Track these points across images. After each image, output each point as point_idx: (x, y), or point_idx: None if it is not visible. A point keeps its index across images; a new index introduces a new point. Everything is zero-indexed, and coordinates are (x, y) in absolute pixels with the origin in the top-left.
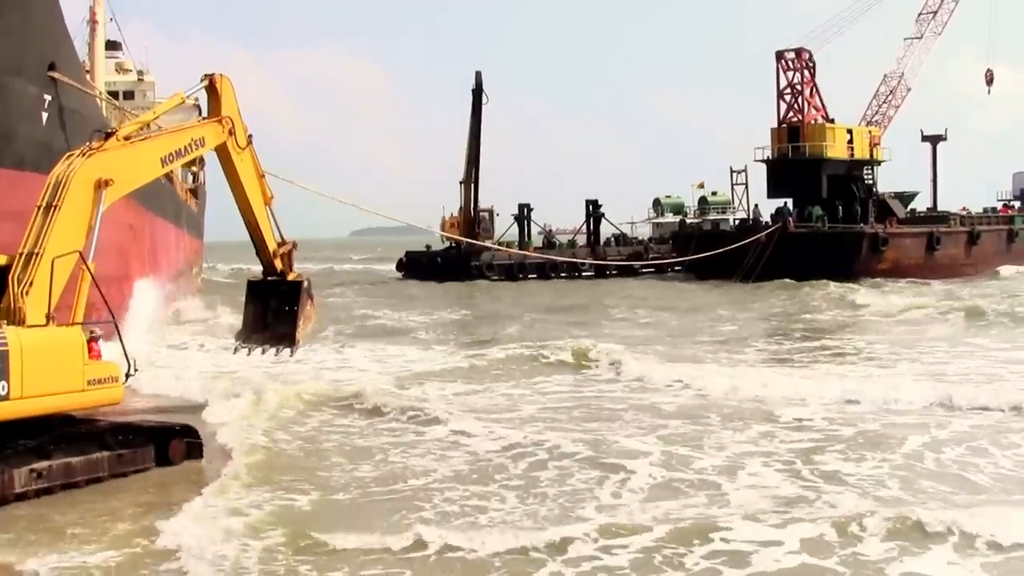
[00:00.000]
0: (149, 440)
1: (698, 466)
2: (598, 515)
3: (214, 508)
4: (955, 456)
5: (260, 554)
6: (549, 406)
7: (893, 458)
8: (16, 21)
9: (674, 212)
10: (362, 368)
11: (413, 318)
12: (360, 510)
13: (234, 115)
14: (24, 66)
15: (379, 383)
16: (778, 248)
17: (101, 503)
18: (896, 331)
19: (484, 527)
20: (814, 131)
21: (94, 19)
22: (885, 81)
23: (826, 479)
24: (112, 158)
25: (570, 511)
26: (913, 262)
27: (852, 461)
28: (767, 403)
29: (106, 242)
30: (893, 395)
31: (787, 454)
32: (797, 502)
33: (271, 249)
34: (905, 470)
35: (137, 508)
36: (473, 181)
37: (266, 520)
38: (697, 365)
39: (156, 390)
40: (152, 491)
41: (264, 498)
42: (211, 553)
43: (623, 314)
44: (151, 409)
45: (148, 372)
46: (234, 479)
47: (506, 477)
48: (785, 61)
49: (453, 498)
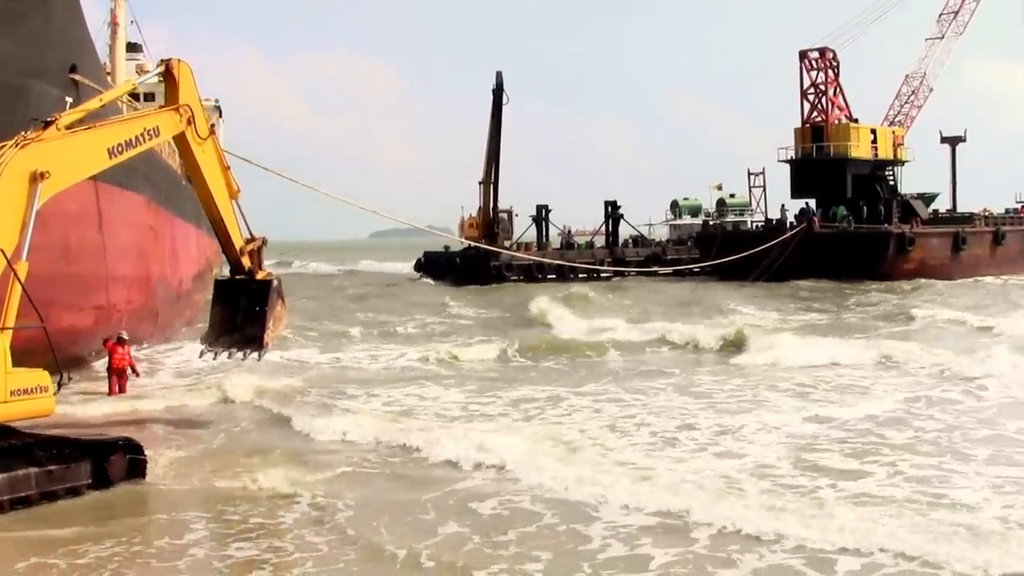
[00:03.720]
0: (84, 455)
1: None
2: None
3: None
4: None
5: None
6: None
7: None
8: (37, 24)
9: (692, 214)
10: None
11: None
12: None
13: (194, 103)
14: (45, 68)
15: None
16: (802, 248)
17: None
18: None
19: None
20: (838, 131)
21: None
22: (907, 81)
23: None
24: (50, 149)
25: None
26: (939, 262)
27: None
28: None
29: (128, 243)
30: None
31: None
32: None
33: (238, 246)
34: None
35: (59, 547)
36: (492, 181)
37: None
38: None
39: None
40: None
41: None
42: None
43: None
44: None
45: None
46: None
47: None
48: (809, 61)
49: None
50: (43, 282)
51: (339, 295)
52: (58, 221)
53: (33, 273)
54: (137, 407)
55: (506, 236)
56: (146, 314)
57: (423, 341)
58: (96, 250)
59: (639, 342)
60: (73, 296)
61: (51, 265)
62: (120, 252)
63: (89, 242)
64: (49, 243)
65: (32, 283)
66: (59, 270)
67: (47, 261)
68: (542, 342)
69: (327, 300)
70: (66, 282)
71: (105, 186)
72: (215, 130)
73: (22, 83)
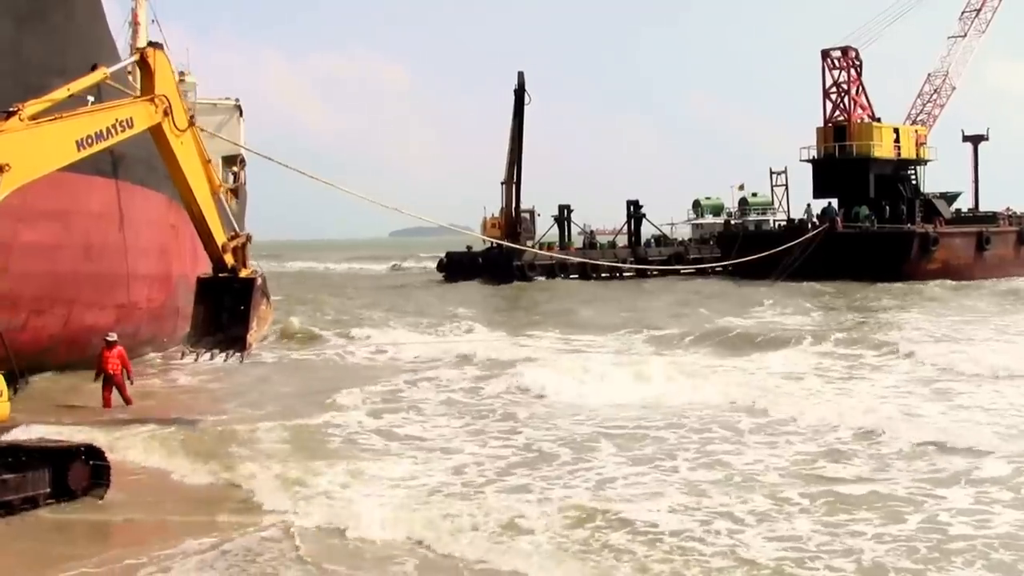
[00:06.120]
0: (43, 463)
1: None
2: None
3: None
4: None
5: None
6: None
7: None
8: (59, 22)
9: (714, 213)
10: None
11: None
12: None
13: (171, 93)
14: (67, 67)
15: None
16: (824, 248)
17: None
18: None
19: None
20: (861, 130)
21: (136, 21)
22: (929, 80)
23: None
24: (10, 140)
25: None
26: (963, 262)
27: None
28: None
29: (149, 242)
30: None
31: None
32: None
33: (219, 243)
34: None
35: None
36: (515, 182)
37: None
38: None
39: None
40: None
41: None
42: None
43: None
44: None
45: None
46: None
47: None
48: (831, 60)
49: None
50: (65, 280)
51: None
52: (80, 220)
53: (56, 271)
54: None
55: (528, 236)
56: (167, 313)
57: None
58: (117, 249)
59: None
60: (95, 294)
61: (73, 264)
62: (141, 251)
63: (111, 241)
64: (71, 242)
65: (55, 281)
66: (81, 269)
67: (69, 260)
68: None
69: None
70: (88, 281)
71: (126, 185)
72: (195, 121)
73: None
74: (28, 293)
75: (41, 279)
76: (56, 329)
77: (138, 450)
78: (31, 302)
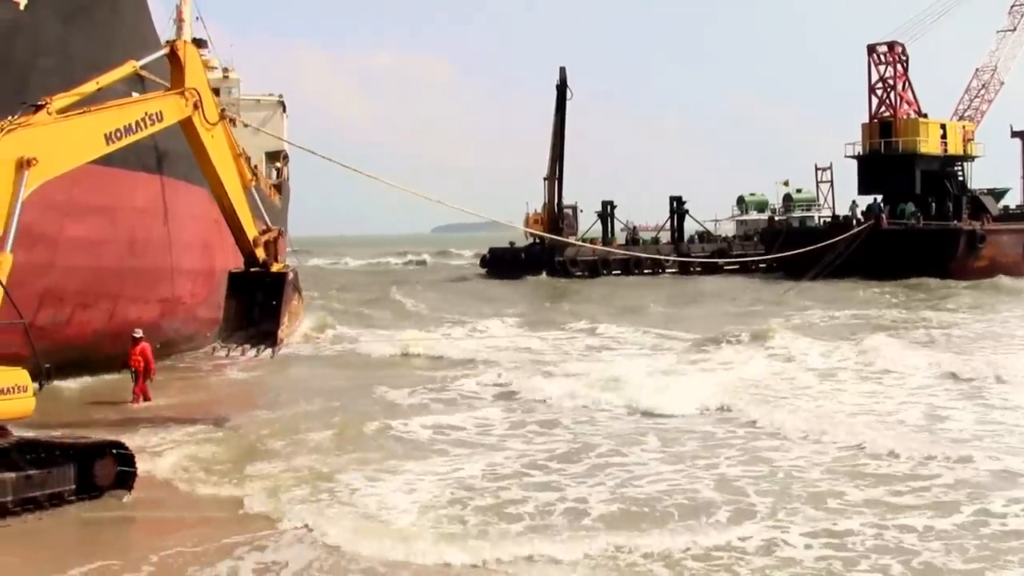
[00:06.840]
0: (68, 459)
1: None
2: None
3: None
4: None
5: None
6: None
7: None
8: (105, 19)
9: (758, 210)
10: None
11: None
12: None
13: (201, 86)
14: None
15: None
16: (868, 245)
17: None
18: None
19: None
20: (907, 126)
21: (180, 17)
22: (977, 75)
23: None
24: (38, 134)
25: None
26: (1011, 260)
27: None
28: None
29: (192, 236)
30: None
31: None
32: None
33: (251, 237)
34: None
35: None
36: (557, 178)
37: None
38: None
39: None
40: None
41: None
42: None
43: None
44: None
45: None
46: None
47: None
48: (877, 55)
49: None
50: (110, 275)
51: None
52: (125, 215)
53: (100, 266)
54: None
55: (571, 232)
56: (211, 307)
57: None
58: (162, 244)
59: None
60: (139, 289)
61: (118, 259)
62: (185, 245)
63: (155, 236)
64: (116, 237)
65: (100, 276)
66: (125, 264)
67: (114, 255)
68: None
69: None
70: (132, 275)
71: (171, 180)
72: (225, 114)
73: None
74: (73, 288)
75: (86, 274)
76: (101, 324)
77: (168, 449)
78: (76, 296)
